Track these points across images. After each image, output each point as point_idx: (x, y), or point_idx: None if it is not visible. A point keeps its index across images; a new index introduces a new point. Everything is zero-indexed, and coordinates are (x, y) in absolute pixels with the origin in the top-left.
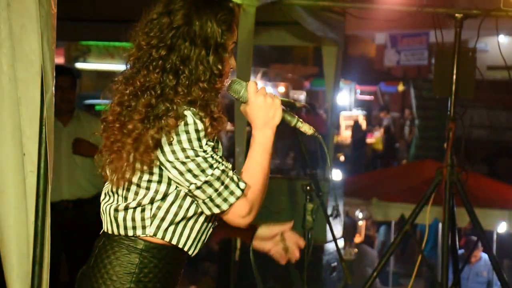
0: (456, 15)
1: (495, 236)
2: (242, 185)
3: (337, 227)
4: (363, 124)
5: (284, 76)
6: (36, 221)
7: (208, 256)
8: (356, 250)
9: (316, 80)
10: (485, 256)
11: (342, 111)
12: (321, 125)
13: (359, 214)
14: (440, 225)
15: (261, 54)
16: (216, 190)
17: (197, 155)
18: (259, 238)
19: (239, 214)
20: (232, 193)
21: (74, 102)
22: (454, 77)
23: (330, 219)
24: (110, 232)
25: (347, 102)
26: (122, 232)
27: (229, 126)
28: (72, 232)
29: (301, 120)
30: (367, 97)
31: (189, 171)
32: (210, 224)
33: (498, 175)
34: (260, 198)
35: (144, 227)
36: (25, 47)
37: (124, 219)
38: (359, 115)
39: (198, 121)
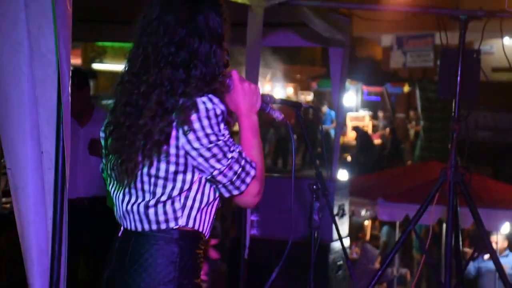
0: (461, 16)
1: (498, 237)
2: (254, 164)
3: (343, 226)
4: (369, 125)
5: (292, 77)
6: (54, 217)
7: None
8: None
9: (323, 81)
10: None
11: (348, 111)
12: None
13: (364, 214)
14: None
15: (269, 55)
16: (235, 172)
17: (218, 139)
18: None
19: (252, 193)
20: (248, 173)
21: (88, 103)
22: (459, 78)
23: (336, 218)
24: (140, 229)
25: (354, 103)
26: (154, 227)
27: None
28: (88, 228)
29: (271, 107)
30: (374, 98)
31: (214, 156)
32: (217, 208)
33: (502, 177)
34: (264, 175)
35: (176, 219)
36: (42, 47)
37: (156, 214)
38: (366, 115)
39: (216, 107)
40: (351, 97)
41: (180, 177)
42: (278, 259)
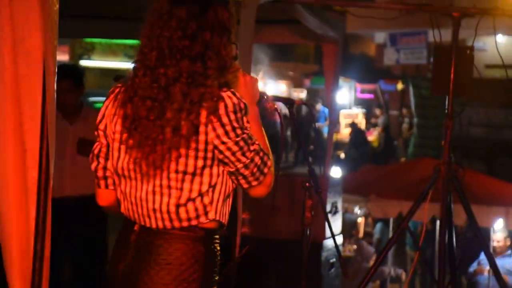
0: (454, 14)
1: (492, 233)
2: (269, 155)
3: (336, 223)
4: (362, 122)
5: (285, 74)
6: (37, 216)
7: None
8: (354, 246)
9: (316, 78)
10: None
11: (342, 109)
12: None
13: (358, 211)
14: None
15: (262, 52)
16: (256, 164)
17: (243, 133)
18: None
19: (267, 183)
20: (265, 164)
21: (76, 103)
22: (452, 75)
23: (329, 215)
24: (168, 227)
25: (347, 100)
26: (185, 224)
27: None
28: (74, 228)
29: (265, 97)
30: (367, 96)
31: (241, 149)
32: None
33: (496, 173)
34: (272, 164)
35: (206, 213)
36: (27, 44)
37: (187, 212)
38: (359, 113)
39: (240, 101)
40: (345, 94)
41: (207, 172)
42: (268, 257)
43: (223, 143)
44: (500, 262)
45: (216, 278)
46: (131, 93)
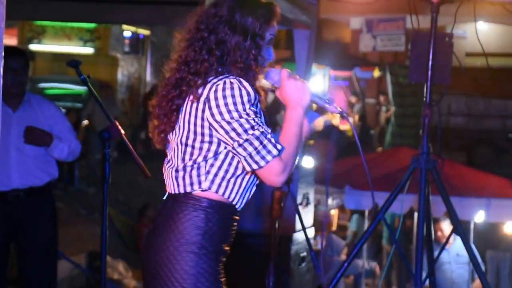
0: None
1: (472, 226)
2: (279, 146)
3: (308, 216)
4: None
5: None
6: None
7: None
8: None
9: (287, 65)
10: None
11: None
12: None
13: (331, 203)
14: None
15: None
16: (255, 148)
17: (240, 117)
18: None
19: (274, 172)
20: (269, 152)
21: (25, 86)
22: (430, 62)
23: (300, 207)
24: (174, 192)
25: (321, 88)
26: (182, 190)
27: None
28: (24, 221)
29: (327, 101)
30: (342, 83)
31: (234, 129)
32: (254, 182)
33: (476, 164)
34: (292, 161)
35: (200, 182)
36: None
37: (183, 178)
38: None
39: (243, 88)
40: (318, 81)
41: (205, 146)
42: (235, 251)
43: (216, 121)
44: (452, 251)
45: (220, 247)
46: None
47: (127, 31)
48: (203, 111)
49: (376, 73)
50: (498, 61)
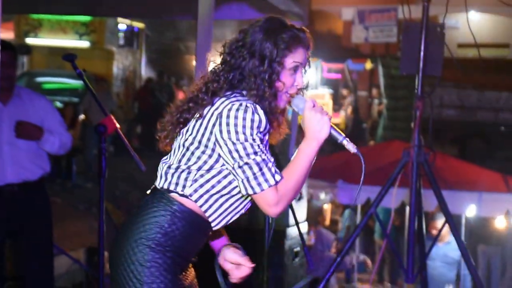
0: None
1: (463, 220)
2: (277, 177)
3: (301, 210)
4: (329, 103)
5: None
6: None
7: None
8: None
9: None
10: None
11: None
12: None
13: (324, 197)
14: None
15: (222, 29)
16: (253, 173)
17: (246, 140)
18: (223, 257)
19: (267, 202)
20: (266, 180)
21: (15, 79)
22: (422, 54)
23: (293, 202)
24: (158, 186)
25: (313, 80)
26: (165, 186)
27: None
28: (19, 217)
29: (347, 139)
30: (334, 75)
31: (237, 151)
32: (238, 209)
33: (468, 157)
34: (291, 195)
35: (184, 186)
36: None
37: (172, 175)
38: (326, 93)
39: (256, 115)
40: (310, 74)
41: (204, 158)
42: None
43: (222, 139)
44: (441, 250)
45: (180, 252)
46: None
47: (122, 24)
48: (213, 125)
49: (368, 65)
50: (490, 52)
